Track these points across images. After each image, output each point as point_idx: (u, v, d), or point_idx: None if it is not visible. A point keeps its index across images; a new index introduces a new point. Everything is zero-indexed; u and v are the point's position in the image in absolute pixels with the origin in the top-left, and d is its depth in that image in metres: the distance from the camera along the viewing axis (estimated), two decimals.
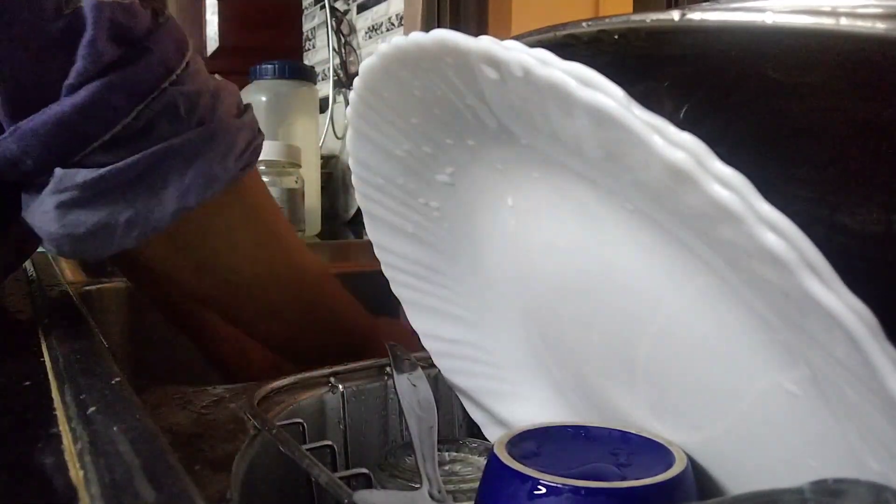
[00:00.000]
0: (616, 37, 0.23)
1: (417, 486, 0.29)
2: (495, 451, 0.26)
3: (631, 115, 0.19)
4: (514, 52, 0.21)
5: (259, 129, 0.45)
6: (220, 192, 0.41)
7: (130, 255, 0.43)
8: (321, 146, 1.44)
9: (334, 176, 1.48)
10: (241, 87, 1.22)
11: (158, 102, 0.37)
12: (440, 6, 1.18)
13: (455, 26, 0.96)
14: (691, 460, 0.26)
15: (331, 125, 1.49)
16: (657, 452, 0.26)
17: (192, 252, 0.46)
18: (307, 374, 0.40)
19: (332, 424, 0.40)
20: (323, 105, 1.47)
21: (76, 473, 0.23)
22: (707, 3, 0.21)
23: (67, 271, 0.81)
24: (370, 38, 1.41)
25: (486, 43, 0.22)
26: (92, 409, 0.27)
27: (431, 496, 0.28)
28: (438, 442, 0.32)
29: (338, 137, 1.49)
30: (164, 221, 0.39)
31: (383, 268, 0.37)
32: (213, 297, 0.50)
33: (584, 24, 0.24)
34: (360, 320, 0.56)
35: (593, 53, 0.24)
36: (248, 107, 0.45)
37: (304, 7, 1.76)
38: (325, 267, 0.57)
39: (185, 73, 0.39)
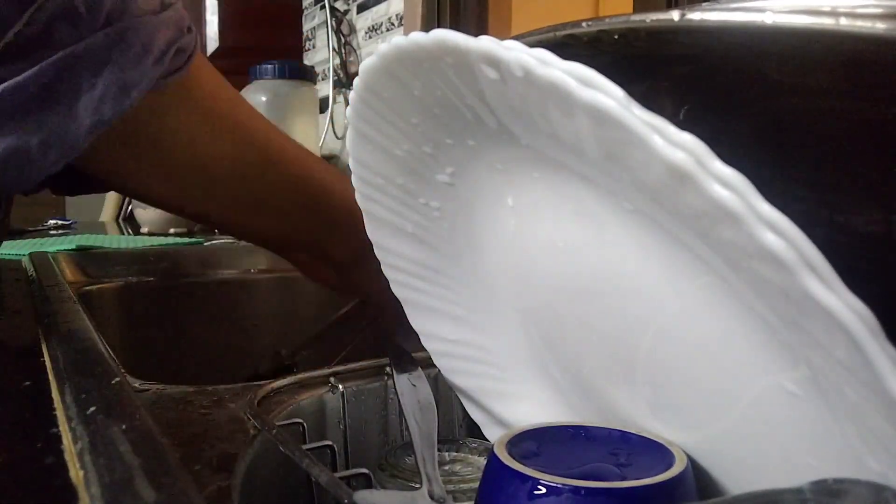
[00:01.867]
0: (616, 37, 0.23)
1: (417, 486, 0.29)
2: (495, 451, 0.26)
3: (631, 115, 0.19)
4: (514, 51, 0.22)
5: (189, 28, 0.40)
6: (139, 100, 0.37)
7: (93, 175, 0.40)
8: (321, 146, 1.44)
9: None
10: (241, 87, 1.22)
11: (52, 4, 0.33)
12: (440, 6, 1.18)
13: (455, 26, 0.96)
14: (691, 460, 0.26)
15: (331, 125, 1.49)
16: (657, 452, 0.26)
17: (150, 159, 0.43)
18: (307, 374, 0.40)
19: (332, 424, 0.40)
20: (323, 105, 1.48)
21: (76, 473, 0.23)
22: (707, 4, 0.21)
23: (67, 271, 0.81)
24: (370, 38, 1.42)
25: (486, 43, 0.22)
26: (92, 409, 0.27)
27: (431, 496, 0.28)
28: (438, 442, 0.32)
29: (338, 137, 1.49)
30: (82, 139, 0.35)
31: (383, 268, 0.37)
32: (190, 202, 0.47)
33: (583, 24, 0.24)
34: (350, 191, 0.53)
35: (593, 53, 0.24)
36: (173, 3, 0.39)
37: (304, 7, 1.76)
38: (312, 155, 0.53)
39: None
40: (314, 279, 0.59)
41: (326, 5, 1.48)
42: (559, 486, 0.24)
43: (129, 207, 1.79)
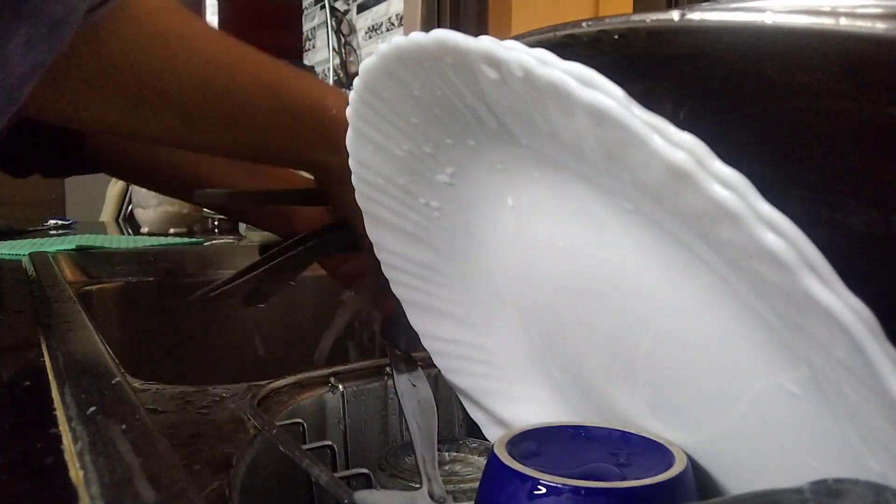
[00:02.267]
0: (616, 37, 0.23)
1: (417, 486, 0.29)
2: (495, 451, 0.26)
3: (631, 114, 0.19)
4: (514, 51, 0.22)
5: None
6: (72, 33, 0.35)
7: (55, 118, 0.39)
8: None
9: None
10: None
11: None
12: (440, 6, 1.18)
13: (455, 26, 0.96)
14: (691, 460, 0.26)
15: None
16: (657, 452, 0.26)
17: (101, 90, 0.42)
18: (307, 374, 0.40)
19: (332, 424, 0.40)
20: None
21: (76, 473, 0.23)
22: (707, 4, 0.21)
23: (67, 271, 0.81)
24: (370, 38, 1.42)
25: (486, 43, 0.22)
26: (92, 409, 0.27)
27: (431, 496, 0.28)
28: (438, 442, 0.32)
29: None
30: (21, 85, 0.34)
31: (383, 268, 0.37)
32: (157, 127, 0.46)
33: (583, 24, 0.24)
34: (343, 103, 0.51)
35: (593, 53, 0.24)
36: None
37: (304, 7, 1.76)
38: (279, 62, 0.51)
39: None
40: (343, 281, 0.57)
41: (326, 5, 1.48)
42: (559, 486, 0.24)
43: (129, 207, 1.79)
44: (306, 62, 1.68)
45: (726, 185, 0.18)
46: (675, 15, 0.21)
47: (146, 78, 0.43)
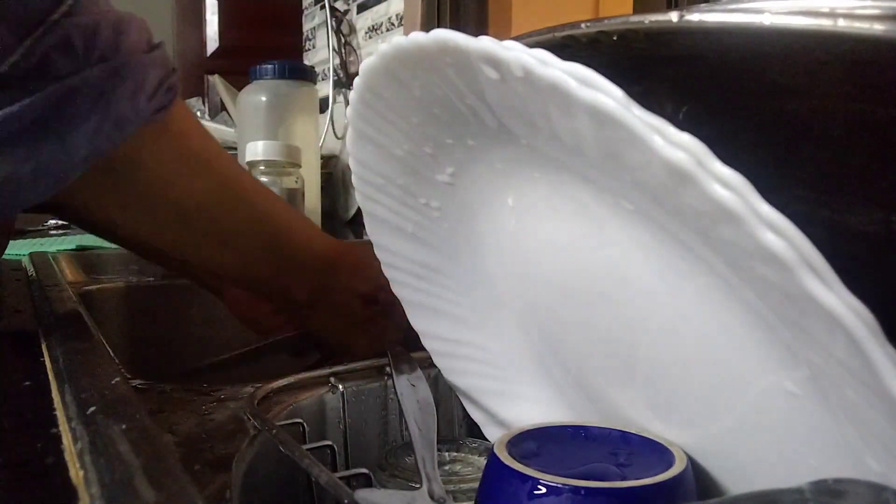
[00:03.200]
0: (615, 38, 0.23)
1: (417, 486, 0.29)
2: (495, 451, 0.26)
3: (631, 115, 0.19)
4: (514, 52, 0.22)
5: (174, 68, 0.42)
6: (132, 134, 0.38)
7: (66, 204, 0.41)
8: (321, 146, 1.44)
9: (334, 176, 1.48)
10: (241, 87, 1.22)
11: (50, 37, 0.33)
12: (440, 6, 1.19)
13: (455, 26, 0.96)
14: (691, 460, 0.26)
15: (331, 125, 1.49)
16: (657, 452, 0.26)
17: (124, 192, 0.44)
18: (307, 374, 0.40)
19: (332, 424, 0.40)
20: (323, 105, 1.47)
21: (76, 473, 0.23)
22: (706, 5, 0.21)
23: (67, 271, 0.81)
24: (370, 38, 1.42)
25: (486, 43, 0.22)
26: (92, 409, 0.27)
27: (431, 496, 0.28)
28: (438, 442, 0.32)
29: (338, 137, 1.49)
30: (75, 169, 0.36)
31: (383, 268, 0.37)
32: (161, 238, 0.49)
33: (582, 25, 0.24)
34: (323, 244, 0.54)
35: (592, 54, 0.24)
36: (159, 44, 0.41)
37: (304, 7, 1.76)
38: (274, 195, 0.55)
39: (78, 4, 0.35)
40: (241, 317, 0.60)
41: (326, 5, 1.48)
42: (559, 486, 0.24)
43: None
44: (306, 62, 1.68)
45: (726, 185, 0.18)
46: (673, 16, 0.21)
47: (164, 190, 0.45)
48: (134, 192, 0.44)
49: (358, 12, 1.46)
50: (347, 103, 0.47)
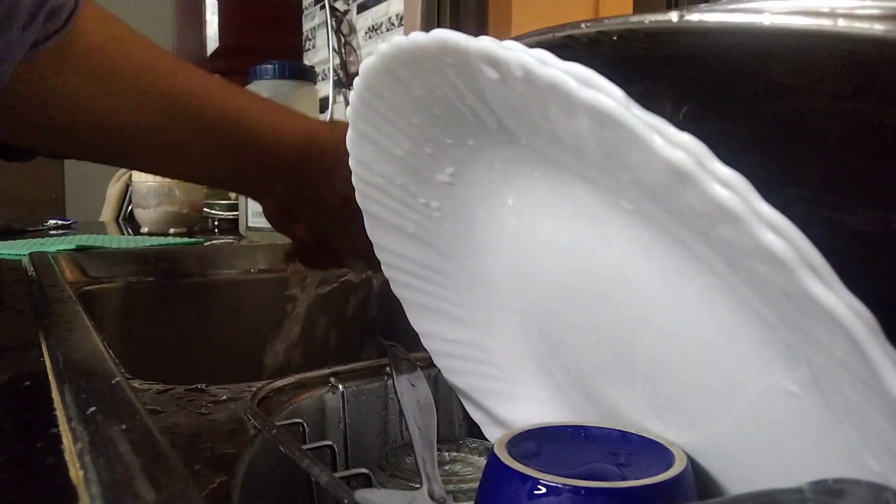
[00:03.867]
0: (615, 38, 0.23)
1: (417, 486, 0.29)
2: (495, 451, 0.26)
3: (631, 115, 0.19)
4: (514, 52, 0.22)
5: None
6: (12, 68, 0.35)
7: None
8: None
9: None
10: (241, 87, 1.22)
11: None
12: (440, 6, 1.18)
13: (455, 26, 0.96)
14: (691, 460, 0.26)
15: None
16: (657, 452, 0.26)
17: (41, 121, 0.42)
18: (307, 374, 0.40)
19: (332, 424, 0.40)
20: (323, 105, 1.47)
21: (76, 473, 0.23)
22: (706, 5, 0.21)
23: (67, 271, 0.81)
24: (370, 38, 1.42)
25: (486, 43, 0.22)
26: (92, 409, 0.27)
27: (431, 496, 0.28)
28: (438, 442, 0.32)
29: None
30: None
31: (383, 268, 0.37)
32: (97, 155, 0.47)
33: (582, 25, 0.24)
34: (296, 138, 0.51)
35: (592, 55, 0.24)
36: None
37: (304, 7, 1.76)
38: (242, 96, 0.51)
39: None
40: (274, 225, 0.58)
41: (326, 5, 1.48)
42: (559, 486, 0.24)
43: (129, 207, 1.79)
44: (306, 62, 1.68)
45: (726, 185, 0.18)
46: (673, 16, 0.21)
47: (81, 113, 0.43)
48: (50, 120, 0.42)
49: (358, 12, 1.46)
50: (347, 103, 0.46)
